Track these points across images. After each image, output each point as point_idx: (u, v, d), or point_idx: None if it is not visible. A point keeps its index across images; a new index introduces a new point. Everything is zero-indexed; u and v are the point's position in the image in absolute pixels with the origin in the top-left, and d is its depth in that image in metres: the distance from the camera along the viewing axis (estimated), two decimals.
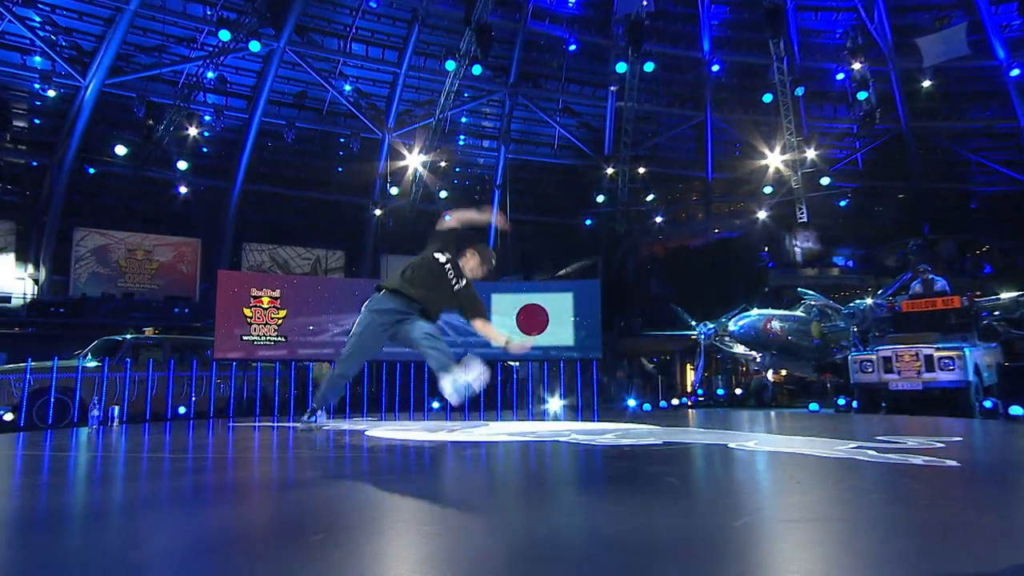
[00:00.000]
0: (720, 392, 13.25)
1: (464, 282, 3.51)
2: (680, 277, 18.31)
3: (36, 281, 16.35)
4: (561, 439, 4.00)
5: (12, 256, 16.48)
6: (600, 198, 19.82)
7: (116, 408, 6.26)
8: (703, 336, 12.54)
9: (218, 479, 2.29)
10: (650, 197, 20.31)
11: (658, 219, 20.36)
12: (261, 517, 1.74)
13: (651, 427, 4.88)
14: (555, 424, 5.71)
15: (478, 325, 3.48)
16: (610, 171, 19.85)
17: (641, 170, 20.04)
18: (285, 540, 1.51)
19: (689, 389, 14.04)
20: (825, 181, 18.69)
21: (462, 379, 3.06)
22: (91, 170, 15.66)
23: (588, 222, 20.38)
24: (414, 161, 18.68)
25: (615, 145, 20.22)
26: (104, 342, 9.04)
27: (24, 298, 16.09)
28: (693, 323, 12.86)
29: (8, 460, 3.42)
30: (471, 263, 3.60)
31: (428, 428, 5.31)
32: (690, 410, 9.48)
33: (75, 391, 7.29)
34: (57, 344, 14.21)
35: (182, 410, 8.51)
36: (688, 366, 15.87)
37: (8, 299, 15.77)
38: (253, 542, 1.53)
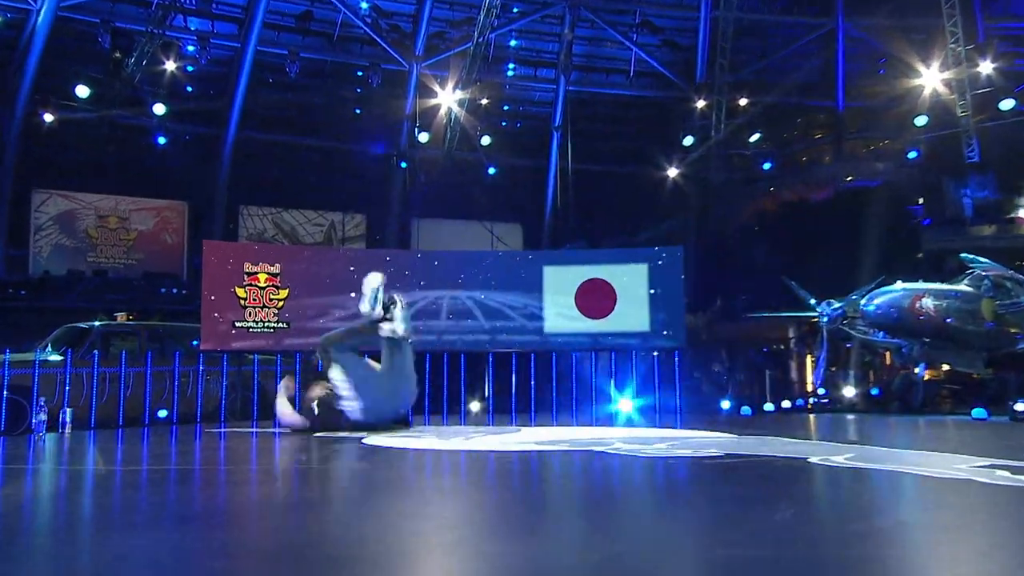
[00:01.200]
0: (850, 392, 12.84)
1: None
2: (797, 241, 17.82)
3: None
4: (597, 449, 4.20)
5: None
6: (689, 140, 19.34)
7: (69, 411, 6.47)
8: (826, 319, 12.08)
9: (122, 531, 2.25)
10: (756, 136, 19.69)
11: (767, 165, 19.72)
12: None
13: (726, 436, 5.13)
14: (604, 431, 6.01)
15: None
16: (702, 104, 19.30)
17: (744, 101, 19.40)
18: None
19: (809, 388, 13.66)
20: (1008, 105, 17.50)
21: None
22: (47, 117, 16.20)
23: (673, 172, 19.95)
24: (448, 99, 18.60)
25: (709, 69, 19.63)
26: (67, 331, 9.39)
27: None
28: (813, 301, 12.43)
29: None
30: None
31: (442, 434, 5.44)
32: (810, 415, 9.25)
33: (32, 390, 7.56)
34: (15, 333, 14.89)
35: (163, 413, 8.77)
36: (809, 358, 15.47)
37: None
38: None
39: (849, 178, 20.42)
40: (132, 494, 2.84)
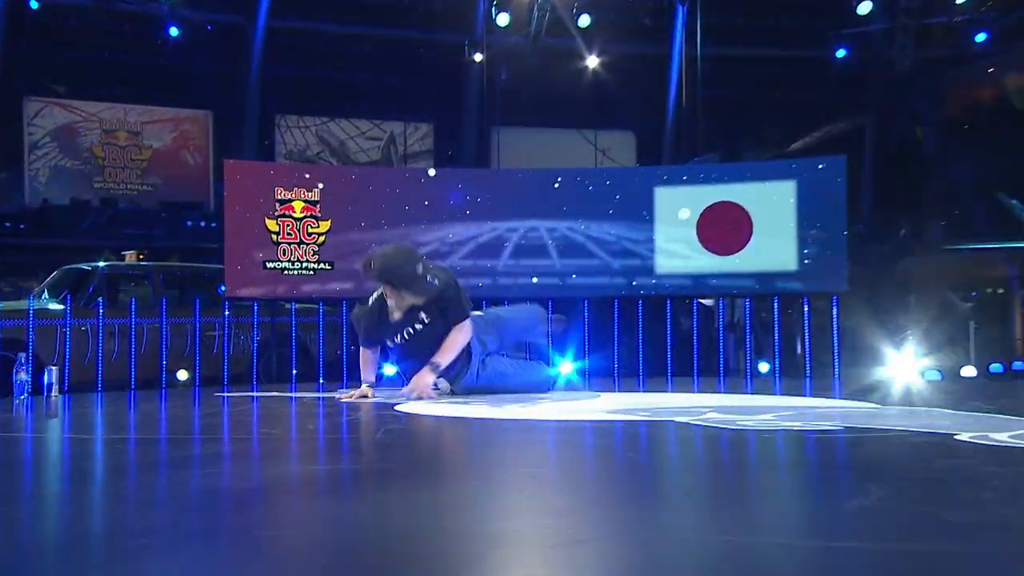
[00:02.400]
0: None
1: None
2: (1021, 145, 17.05)
3: None
4: (680, 419, 4.30)
5: None
6: (866, 8, 18.51)
7: (54, 371, 7.00)
8: None
9: None
10: None
11: (981, 37, 18.67)
12: None
13: (865, 405, 5.17)
14: (705, 398, 6.13)
15: None
16: None
17: None
18: None
19: None
20: None
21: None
22: (34, 3, 16.91)
23: (841, 53, 19.22)
24: None
25: None
26: (66, 273, 10.05)
27: None
28: None
29: None
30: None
31: (498, 400, 5.68)
32: None
33: (27, 345, 8.20)
34: (14, 274, 16.01)
35: (183, 375, 9.35)
36: None
37: None
38: None
39: None
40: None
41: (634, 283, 9.36)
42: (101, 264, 10.27)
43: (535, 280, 9.35)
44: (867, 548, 1.75)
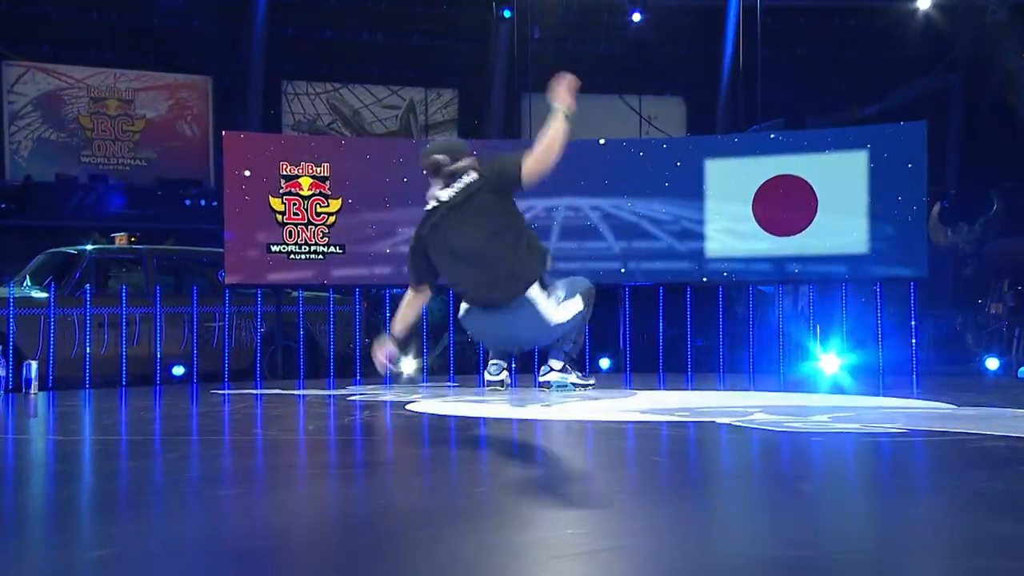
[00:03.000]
0: None
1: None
2: None
3: None
4: (722, 420, 4.31)
5: None
6: None
7: (34, 365, 7.14)
8: None
9: None
10: None
11: None
12: None
13: (939, 407, 5.15)
14: (752, 397, 6.15)
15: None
16: None
17: None
18: None
19: None
20: None
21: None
22: None
23: (926, 3, 19.02)
24: None
25: None
26: (50, 258, 10.21)
27: None
28: None
29: None
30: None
31: (522, 398, 5.73)
32: None
33: (6, 337, 8.36)
34: None
35: (178, 370, 9.49)
36: None
37: None
38: None
39: None
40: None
41: (682, 268, 9.36)
42: (89, 248, 10.40)
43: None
44: (924, 564, 1.79)
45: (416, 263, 5.45)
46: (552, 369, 6.09)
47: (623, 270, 9.39)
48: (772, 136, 10.55)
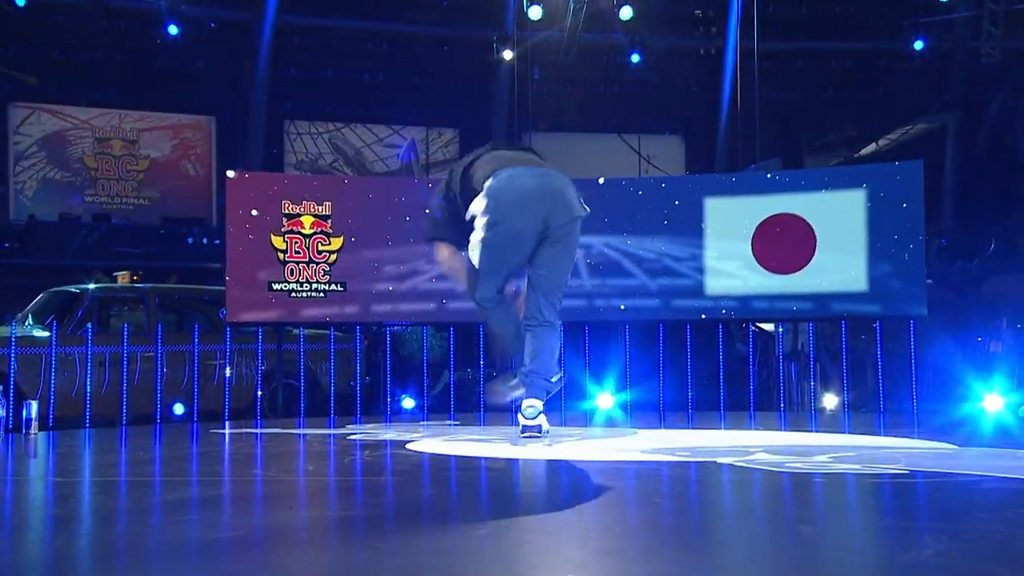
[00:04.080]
0: None
1: None
2: None
3: None
4: (723, 460, 4.28)
5: None
6: None
7: (33, 405, 7.13)
8: None
9: None
10: None
11: None
12: None
13: (940, 447, 5.12)
14: (757, 436, 6.06)
15: None
16: None
17: None
18: None
19: None
20: None
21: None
22: (20, 1, 17.30)
23: (919, 45, 19.14)
24: None
25: None
26: (53, 297, 10.23)
27: None
28: None
29: None
30: None
31: (516, 437, 5.69)
32: None
33: (8, 376, 8.34)
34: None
35: (179, 409, 9.47)
36: None
37: None
38: None
39: None
40: None
41: (681, 305, 9.35)
42: (91, 286, 10.43)
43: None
44: None
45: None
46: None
47: (622, 307, 9.38)
48: (770, 175, 10.59)
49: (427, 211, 5.94)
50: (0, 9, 17.65)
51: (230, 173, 9.85)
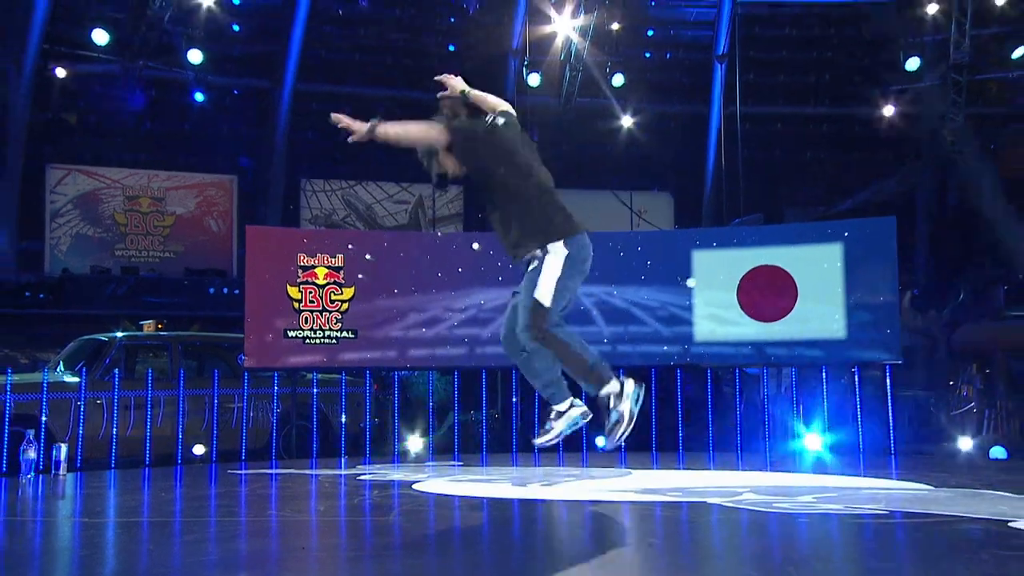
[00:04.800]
0: None
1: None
2: None
3: None
4: (713, 500, 4.27)
5: None
6: (915, 63, 18.60)
7: (63, 448, 7.07)
8: None
9: None
10: (1020, 51, 18.66)
11: None
12: None
13: (917, 487, 5.05)
14: (743, 477, 6.04)
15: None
16: (934, 9, 18.50)
17: (1001, 0, 18.45)
18: None
19: None
20: None
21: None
22: (60, 72, 17.49)
23: (889, 111, 19.29)
24: (565, 26, 18.72)
25: None
26: (84, 344, 10.17)
27: None
28: None
29: None
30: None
31: (523, 477, 5.63)
32: None
33: (39, 419, 8.29)
34: (30, 347, 16.30)
35: (199, 450, 9.39)
36: None
37: None
38: None
39: None
40: None
41: (671, 351, 9.33)
42: (119, 334, 10.39)
43: None
44: None
45: None
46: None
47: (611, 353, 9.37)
48: (753, 229, 10.61)
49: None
50: (43, 77, 17.85)
51: (250, 228, 9.89)
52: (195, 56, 17.42)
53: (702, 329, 9.27)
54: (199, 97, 18.47)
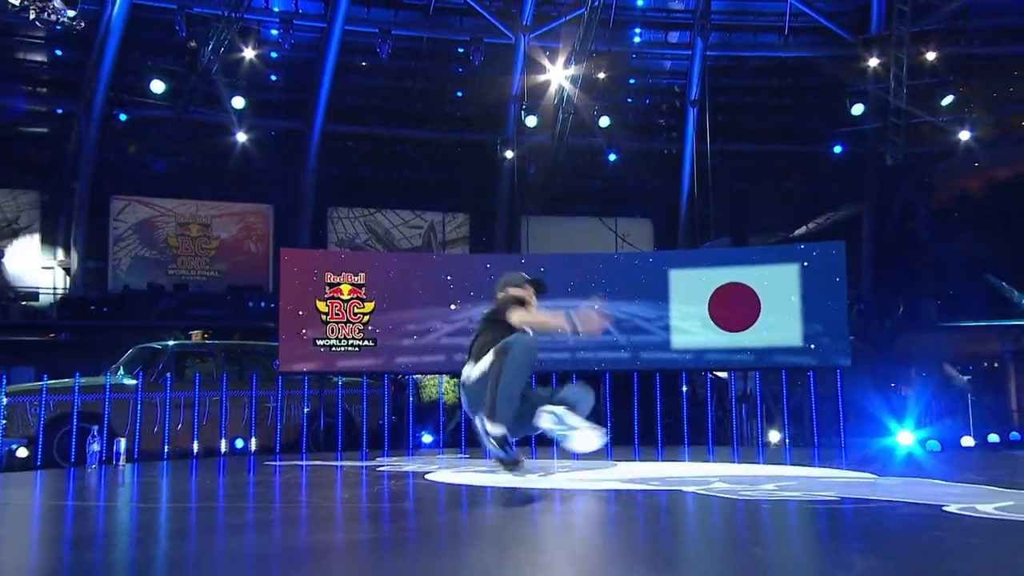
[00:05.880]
0: None
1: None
2: (1008, 230, 16.91)
3: (67, 270, 18.81)
4: (688, 489, 4.23)
5: (38, 238, 19.09)
6: (859, 109, 18.67)
7: (122, 441, 7.06)
8: None
9: None
10: (948, 99, 18.75)
11: (964, 135, 18.77)
12: None
13: (864, 476, 5.03)
14: (715, 468, 6.04)
15: (515, 318, 4.68)
16: (876, 62, 18.58)
17: (932, 56, 18.54)
18: None
19: None
20: None
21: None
22: (123, 116, 17.62)
23: (839, 149, 19.33)
24: (558, 75, 18.80)
25: (887, 18, 18.88)
26: (140, 351, 10.17)
27: (54, 294, 18.59)
28: None
29: None
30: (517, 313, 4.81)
31: (521, 471, 5.59)
32: None
33: (103, 417, 8.28)
34: (95, 354, 16.28)
35: (239, 443, 9.37)
36: None
37: (36, 296, 18.31)
38: None
39: None
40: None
41: (651, 357, 9.32)
42: (171, 343, 10.39)
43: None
44: None
45: None
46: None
47: (601, 363, 9.35)
48: (722, 251, 10.62)
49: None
50: (108, 121, 17.95)
51: (283, 250, 9.89)
52: (238, 102, 17.52)
53: (678, 338, 9.27)
54: (241, 137, 18.57)
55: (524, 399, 4.59)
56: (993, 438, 10.70)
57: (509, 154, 19.85)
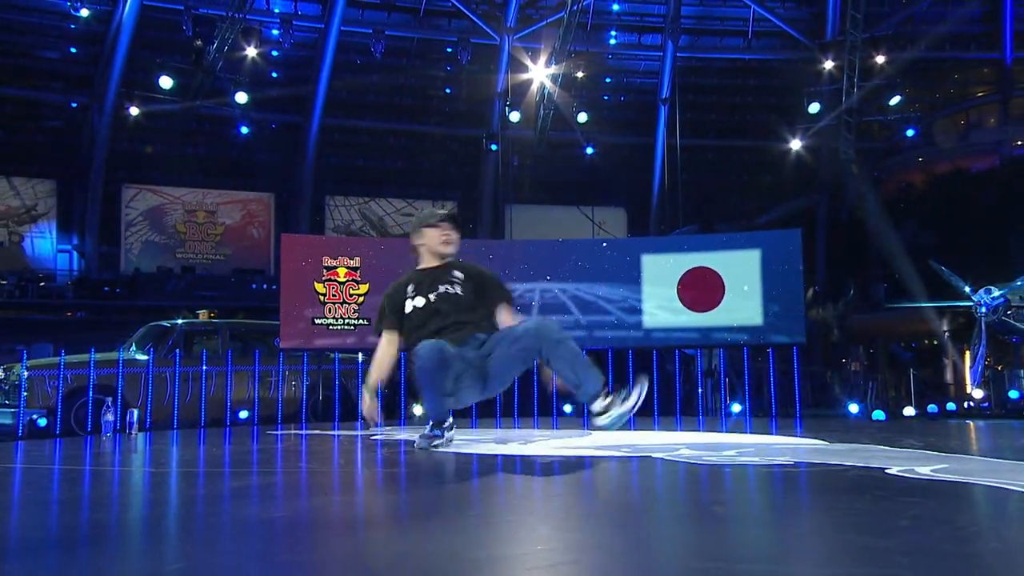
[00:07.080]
0: (1015, 395, 12.16)
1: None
2: (950, 219, 17.10)
3: (82, 254, 18.67)
4: (656, 455, 4.25)
5: (55, 223, 18.94)
6: (816, 108, 18.75)
7: (135, 412, 7.06)
8: (985, 308, 11.43)
9: None
10: (896, 99, 18.90)
11: (911, 132, 18.93)
12: None
13: (816, 443, 5.08)
14: (682, 436, 6.05)
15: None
16: (830, 65, 18.65)
17: (881, 59, 18.65)
18: None
19: (969, 390, 13.00)
20: None
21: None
22: (134, 111, 17.46)
23: (796, 144, 19.41)
24: (540, 74, 18.75)
25: (842, 24, 18.96)
26: (151, 329, 10.15)
27: (70, 274, 18.45)
28: (968, 289, 11.81)
29: None
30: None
31: (506, 438, 5.66)
32: (966, 422, 8.85)
33: (116, 390, 8.25)
34: (109, 331, 16.20)
35: (243, 414, 9.37)
36: (967, 356, 14.76)
37: (52, 277, 18.18)
38: None
39: (1019, 143, 19.34)
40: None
41: (626, 336, 9.36)
42: (180, 321, 10.38)
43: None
44: (811, 572, 1.74)
45: (394, 301, 4.67)
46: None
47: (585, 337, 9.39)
48: (690, 238, 10.65)
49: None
50: (120, 115, 17.78)
51: (284, 235, 9.85)
52: (241, 97, 17.38)
53: (650, 318, 9.32)
54: (244, 130, 18.44)
55: (468, 365, 4.29)
56: (932, 408, 10.85)
57: (494, 146, 19.83)
